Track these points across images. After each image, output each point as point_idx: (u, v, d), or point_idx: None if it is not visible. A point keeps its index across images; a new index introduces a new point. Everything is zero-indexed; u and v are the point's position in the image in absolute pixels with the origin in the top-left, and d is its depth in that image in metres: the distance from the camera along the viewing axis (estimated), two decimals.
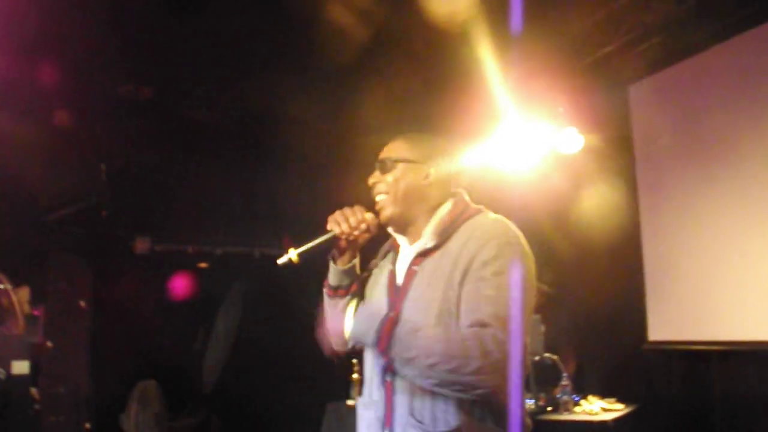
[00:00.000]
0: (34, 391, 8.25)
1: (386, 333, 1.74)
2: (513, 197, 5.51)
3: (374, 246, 2.17)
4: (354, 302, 2.03)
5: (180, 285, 6.50)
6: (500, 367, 1.66)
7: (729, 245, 4.52)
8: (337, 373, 5.37)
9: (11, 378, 8.49)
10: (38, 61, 4.62)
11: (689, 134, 4.91)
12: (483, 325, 1.70)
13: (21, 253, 5.94)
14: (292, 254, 1.96)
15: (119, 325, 6.02)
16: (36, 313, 5.91)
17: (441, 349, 1.68)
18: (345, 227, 1.97)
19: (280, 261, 1.97)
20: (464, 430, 1.77)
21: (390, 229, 2.09)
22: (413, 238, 2.03)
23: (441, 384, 1.69)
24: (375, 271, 2.15)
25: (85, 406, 6.03)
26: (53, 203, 5.86)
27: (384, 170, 2.04)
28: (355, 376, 5.08)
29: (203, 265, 6.72)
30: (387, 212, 2.02)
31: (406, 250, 2.05)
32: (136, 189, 5.92)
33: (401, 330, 1.74)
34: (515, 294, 1.74)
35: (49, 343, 5.95)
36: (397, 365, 1.75)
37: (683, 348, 4.79)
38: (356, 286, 2.07)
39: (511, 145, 5.34)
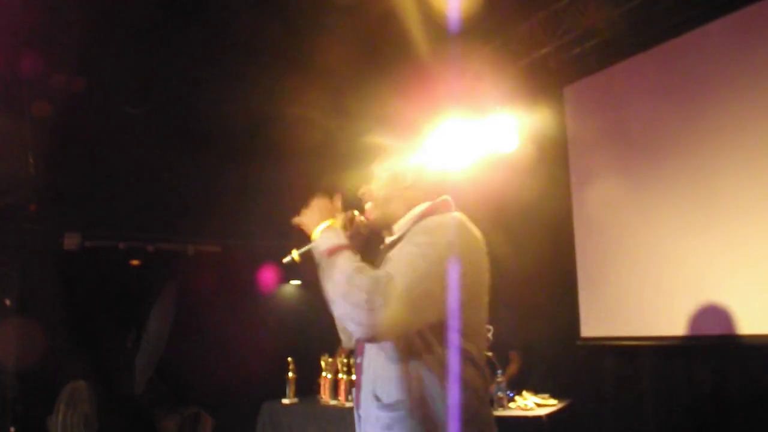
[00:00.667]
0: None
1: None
2: (452, 195, 5.57)
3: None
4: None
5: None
6: (380, 314, 1.76)
7: (658, 242, 4.65)
8: (274, 372, 5.36)
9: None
10: None
11: (619, 135, 5.04)
12: (386, 274, 1.83)
13: None
14: (295, 254, 2.10)
15: (47, 324, 5.83)
16: None
17: (347, 272, 1.83)
18: (358, 226, 2.19)
19: (285, 260, 2.13)
20: (406, 403, 1.90)
21: (379, 229, 2.25)
22: (390, 234, 2.22)
23: (336, 306, 1.84)
24: None
25: (10, 410, 5.83)
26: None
27: (368, 179, 2.25)
28: (290, 375, 5.06)
29: (135, 262, 6.57)
30: (371, 216, 2.22)
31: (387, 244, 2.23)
32: (66, 182, 5.73)
33: (342, 252, 1.92)
34: (419, 263, 1.85)
35: None
36: (321, 272, 1.93)
37: (614, 344, 4.90)
38: None
39: (449, 144, 5.37)
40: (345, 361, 4.86)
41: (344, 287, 1.80)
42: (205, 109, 5.46)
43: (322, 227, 2.02)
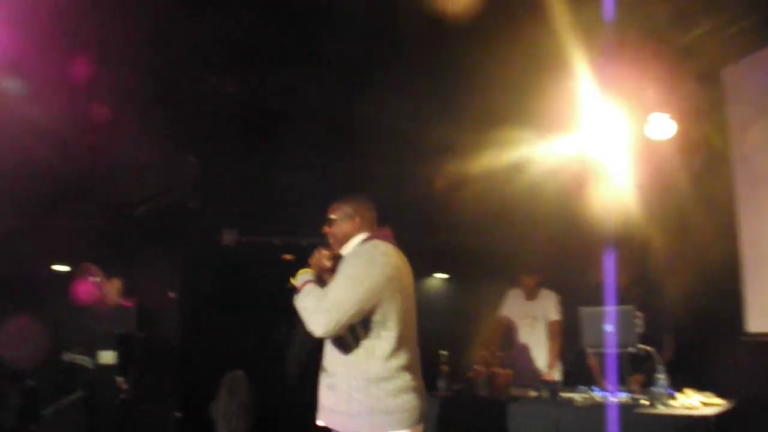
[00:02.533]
0: (120, 380, 8.47)
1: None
2: (602, 185, 5.44)
3: None
4: None
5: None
6: (318, 322, 2.94)
7: None
8: (427, 365, 5.40)
9: (98, 367, 8.73)
10: (128, 59, 4.71)
11: None
12: (325, 294, 3.00)
13: (113, 247, 6.09)
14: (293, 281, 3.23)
15: (208, 315, 6.12)
16: (127, 304, 6.06)
17: (307, 298, 3.06)
18: (326, 262, 3.27)
19: (290, 286, 3.22)
20: (335, 371, 3.09)
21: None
22: None
23: (300, 309, 3.06)
24: None
25: (175, 395, 6.16)
26: (143, 198, 5.98)
27: (329, 225, 3.36)
28: (443, 367, 5.08)
29: (288, 257, 6.75)
30: (336, 249, 3.33)
31: None
32: (223, 182, 5.99)
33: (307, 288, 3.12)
34: (343, 283, 2.99)
35: (139, 334, 6.09)
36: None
37: None
38: None
39: (599, 133, 5.25)
40: (498, 354, 4.84)
41: (303, 306, 3.03)
42: (355, 110, 5.54)
43: (301, 275, 3.21)
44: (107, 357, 6.55)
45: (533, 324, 5.65)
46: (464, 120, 5.69)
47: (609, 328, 4.55)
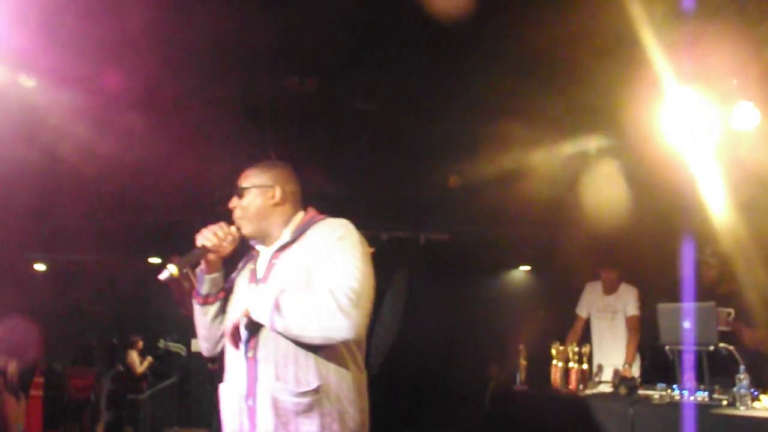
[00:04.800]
0: (211, 366, 8.79)
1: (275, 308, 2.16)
2: (687, 177, 5.32)
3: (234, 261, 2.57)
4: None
5: None
6: (351, 315, 2.10)
7: None
8: (505, 358, 5.43)
9: (190, 355, 9.12)
10: (209, 61, 4.88)
11: None
12: (336, 287, 2.15)
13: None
14: (172, 268, 2.23)
15: None
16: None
17: (306, 302, 2.15)
18: (215, 240, 2.39)
19: (162, 277, 2.24)
20: (324, 389, 2.19)
21: (251, 242, 2.51)
22: (270, 243, 2.47)
23: (312, 333, 2.13)
24: (237, 280, 2.56)
25: None
26: (225, 194, 6.17)
27: (239, 196, 2.49)
28: (522, 361, 5.10)
29: (370, 250, 6.86)
30: (244, 231, 2.47)
31: (265, 251, 2.48)
32: (302, 178, 6.13)
33: (282, 300, 2.17)
34: (358, 264, 2.21)
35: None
36: (278, 324, 2.16)
37: None
38: (223, 294, 2.50)
39: (681, 120, 5.12)
40: (576, 349, 4.82)
41: (313, 314, 2.12)
42: (428, 110, 5.60)
43: (254, 298, 2.24)
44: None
45: (613, 318, 5.59)
46: (543, 112, 5.65)
47: (687, 324, 4.47)
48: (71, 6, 3.97)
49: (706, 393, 4.36)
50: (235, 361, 2.35)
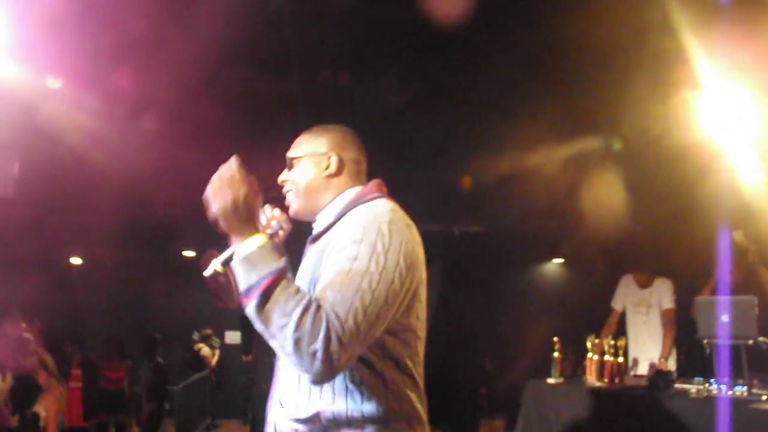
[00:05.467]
0: (245, 358, 8.89)
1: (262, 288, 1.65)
2: (725, 168, 5.27)
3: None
4: None
5: None
6: (338, 361, 1.59)
7: None
8: (540, 352, 5.42)
9: (225, 346, 9.19)
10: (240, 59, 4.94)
11: None
12: (334, 313, 1.62)
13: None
14: (217, 265, 1.82)
15: None
16: None
17: (294, 313, 1.59)
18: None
19: (206, 273, 1.86)
20: (323, 416, 1.79)
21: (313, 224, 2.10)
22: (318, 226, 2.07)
23: (282, 349, 1.62)
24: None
25: None
26: (270, 187, 6.22)
27: (289, 167, 2.09)
28: (556, 354, 5.08)
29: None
30: (292, 207, 2.09)
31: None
32: None
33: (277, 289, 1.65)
34: (364, 285, 1.67)
35: None
36: (252, 311, 1.65)
37: None
38: None
39: (720, 113, 5.09)
40: (612, 342, 4.80)
41: (293, 332, 1.58)
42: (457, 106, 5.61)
43: (249, 248, 1.71)
44: (233, 337, 6.89)
45: (648, 312, 5.55)
46: (578, 106, 5.65)
47: (725, 318, 4.43)
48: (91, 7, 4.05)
49: (745, 387, 4.32)
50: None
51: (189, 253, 10.05)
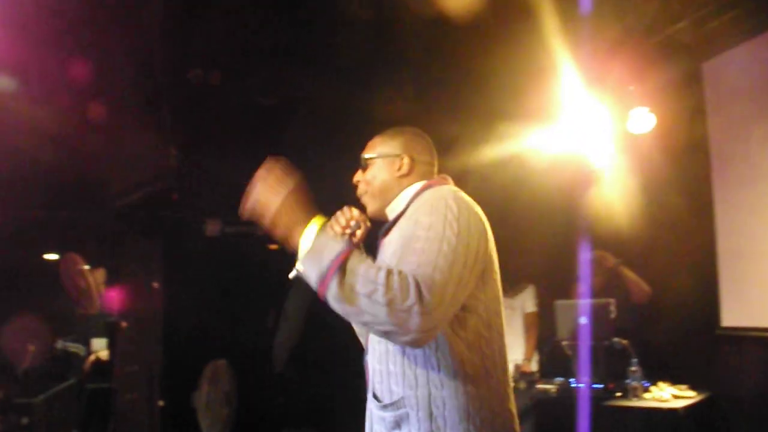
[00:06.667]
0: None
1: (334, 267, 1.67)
2: (583, 180, 5.47)
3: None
4: None
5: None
6: (435, 314, 1.63)
7: None
8: None
9: (91, 354, 8.73)
10: (107, 51, 4.73)
11: (763, 112, 4.72)
12: (420, 269, 1.68)
13: (96, 237, 6.14)
14: (300, 266, 1.80)
15: (191, 305, 6.16)
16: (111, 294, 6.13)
17: (380, 277, 1.63)
18: (337, 228, 2.07)
19: (291, 275, 1.88)
20: (410, 400, 1.81)
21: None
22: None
23: (374, 319, 1.63)
24: None
25: (158, 385, 6.21)
26: (125, 189, 6.01)
27: (363, 168, 2.18)
28: None
29: (274, 247, 6.83)
30: (369, 208, 2.17)
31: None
32: (206, 173, 6.01)
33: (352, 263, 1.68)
34: (444, 248, 1.72)
35: (123, 323, 6.15)
36: (334, 292, 1.66)
37: (758, 335, 4.63)
38: None
39: (582, 128, 5.29)
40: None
41: (384, 294, 1.59)
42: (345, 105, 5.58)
43: (311, 233, 1.77)
44: (100, 345, 6.60)
45: (511, 315, 5.67)
46: (457, 117, 5.73)
47: (584, 320, 4.59)
48: None
49: (602, 386, 4.49)
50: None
51: (51, 257, 9.55)
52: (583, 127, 5.38)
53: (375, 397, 1.93)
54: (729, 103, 5.02)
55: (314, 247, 1.72)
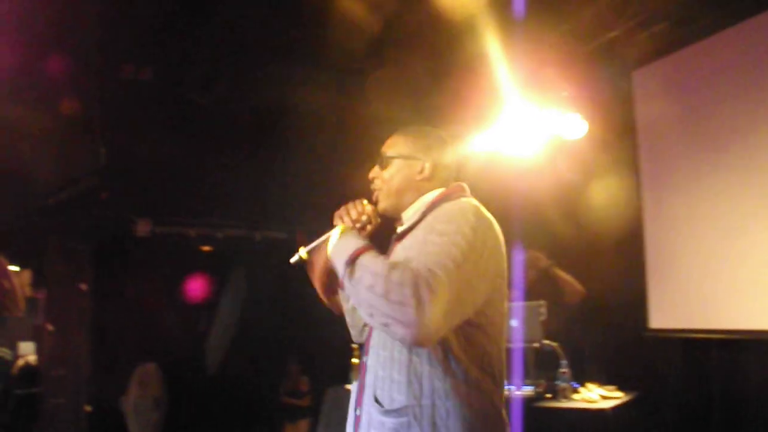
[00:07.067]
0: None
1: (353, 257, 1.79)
2: (517, 182, 5.53)
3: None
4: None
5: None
6: (430, 309, 1.63)
7: (732, 234, 4.47)
8: (337, 358, 5.41)
9: (17, 359, 8.44)
10: (37, 46, 4.60)
11: (693, 121, 4.86)
12: (424, 266, 1.71)
13: (22, 237, 5.95)
14: (302, 252, 2.03)
15: (120, 307, 6.03)
16: (37, 296, 5.94)
17: (381, 271, 1.70)
18: (347, 221, 2.08)
19: (292, 260, 2.04)
20: (413, 409, 1.82)
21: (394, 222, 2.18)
22: (401, 224, 2.15)
23: (373, 311, 1.70)
24: None
25: (85, 389, 6.05)
26: (53, 187, 5.85)
27: (381, 165, 2.16)
28: (354, 360, 5.09)
29: (206, 248, 6.74)
30: (381, 206, 2.14)
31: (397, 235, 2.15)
32: (137, 171, 5.89)
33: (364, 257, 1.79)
34: (454, 251, 1.74)
35: (49, 326, 5.97)
36: (347, 284, 1.79)
37: (684, 336, 4.76)
38: None
39: (515, 132, 5.34)
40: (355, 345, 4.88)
41: (382, 286, 1.66)
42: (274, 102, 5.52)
43: (335, 234, 1.92)
44: (27, 348, 6.41)
45: None
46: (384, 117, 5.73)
47: (514, 323, 4.63)
48: None
49: (532, 387, 4.53)
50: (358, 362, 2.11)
51: None
52: (518, 131, 5.43)
53: (377, 401, 1.90)
54: (657, 110, 5.15)
55: (337, 247, 1.88)
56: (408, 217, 2.11)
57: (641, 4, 4.85)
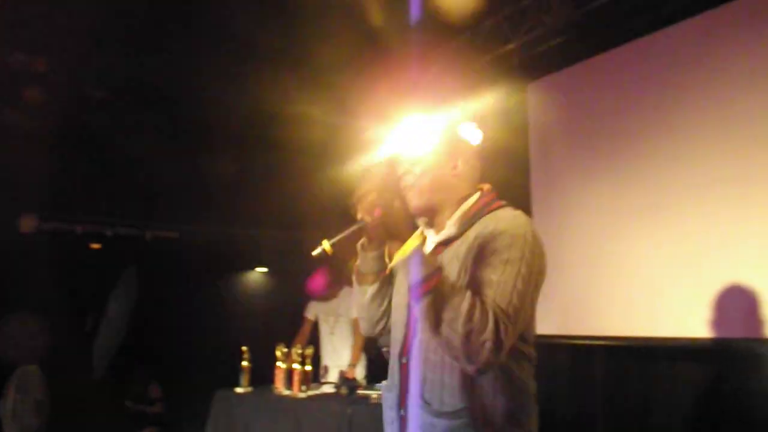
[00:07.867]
0: None
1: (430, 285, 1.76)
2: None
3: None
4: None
5: None
6: (501, 352, 1.71)
7: (614, 242, 4.65)
8: (229, 361, 5.33)
9: None
10: None
11: (581, 133, 5.05)
12: (497, 308, 1.74)
13: None
14: (326, 245, 1.98)
15: (1, 307, 5.77)
16: None
17: (464, 309, 1.71)
18: (374, 216, 2.00)
19: (315, 252, 1.98)
20: (469, 411, 1.83)
21: (419, 220, 2.11)
22: (438, 229, 2.06)
23: (447, 344, 1.73)
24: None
25: None
26: None
27: (413, 161, 2.09)
28: (244, 363, 5.03)
29: (96, 246, 6.54)
30: (413, 203, 2.05)
31: (430, 239, 2.08)
32: (22, 164, 5.65)
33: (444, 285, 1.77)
34: (519, 285, 1.79)
35: None
36: (422, 314, 1.78)
37: (568, 342, 4.90)
38: (385, 273, 2.14)
39: (411, 138, 5.38)
40: (300, 351, 4.84)
41: (463, 327, 1.69)
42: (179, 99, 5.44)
43: (416, 258, 1.81)
44: None
45: (336, 321, 5.70)
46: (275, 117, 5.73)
47: None
48: None
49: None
50: (392, 362, 2.06)
51: None
52: (413, 140, 5.48)
53: (427, 402, 1.89)
54: (549, 122, 5.32)
55: (417, 259, 1.80)
56: (451, 224, 2.02)
57: (537, 20, 5.00)
